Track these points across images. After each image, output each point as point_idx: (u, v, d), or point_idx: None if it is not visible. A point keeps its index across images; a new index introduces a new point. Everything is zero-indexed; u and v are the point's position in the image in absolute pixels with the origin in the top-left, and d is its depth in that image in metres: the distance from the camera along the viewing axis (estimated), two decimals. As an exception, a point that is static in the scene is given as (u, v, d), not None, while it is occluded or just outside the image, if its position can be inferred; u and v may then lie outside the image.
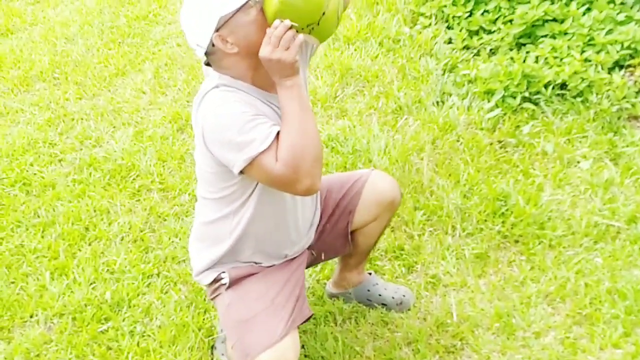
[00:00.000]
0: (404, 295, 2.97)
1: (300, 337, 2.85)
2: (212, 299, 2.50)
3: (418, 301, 3.00)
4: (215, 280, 2.44)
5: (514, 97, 3.90)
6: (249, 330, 2.31)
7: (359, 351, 2.81)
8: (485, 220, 3.30)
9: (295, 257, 2.54)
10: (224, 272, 2.42)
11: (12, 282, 3.18)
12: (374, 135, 3.78)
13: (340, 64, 4.32)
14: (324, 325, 2.91)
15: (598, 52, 3.96)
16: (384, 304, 2.97)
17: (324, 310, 2.97)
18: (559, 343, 2.80)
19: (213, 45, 2.14)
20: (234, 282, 2.42)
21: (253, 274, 2.44)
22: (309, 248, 2.62)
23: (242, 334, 2.32)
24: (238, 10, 2.09)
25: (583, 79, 3.85)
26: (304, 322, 2.39)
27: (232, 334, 2.36)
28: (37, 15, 5.34)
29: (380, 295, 2.97)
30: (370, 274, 3.02)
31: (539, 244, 3.18)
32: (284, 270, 2.47)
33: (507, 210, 3.32)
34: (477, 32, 4.42)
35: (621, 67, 3.96)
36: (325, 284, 3.07)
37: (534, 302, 2.95)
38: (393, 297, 2.96)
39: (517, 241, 3.22)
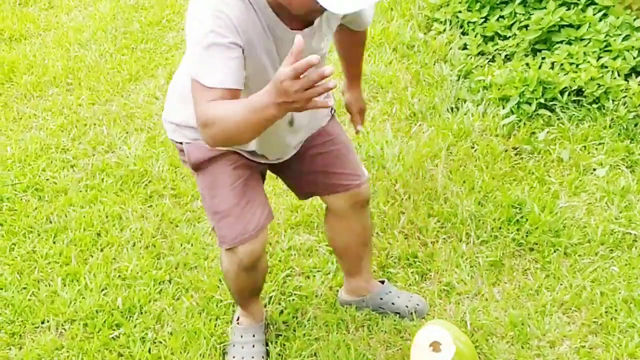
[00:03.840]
0: (417, 304, 2.94)
1: (312, 344, 2.84)
2: (183, 163, 2.59)
3: (432, 309, 2.97)
4: (179, 145, 2.51)
5: (530, 104, 3.87)
6: (223, 223, 2.49)
7: (371, 359, 2.78)
8: (500, 228, 3.26)
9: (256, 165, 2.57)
10: (187, 142, 2.47)
11: (24, 288, 3.17)
12: (388, 142, 3.76)
13: (353, 69, 4.29)
14: (337, 333, 2.89)
15: (614, 58, 3.93)
16: (397, 312, 2.94)
17: (337, 317, 2.94)
18: (574, 352, 2.77)
19: None
20: (199, 166, 2.48)
21: (216, 158, 2.46)
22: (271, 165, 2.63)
23: (217, 224, 2.51)
24: None
25: (599, 85, 3.82)
26: (267, 219, 2.53)
27: (209, 217, 2.57)
28: (51, 20, 5.35)
29: (393, 303, 2.94)
30: (382, 282, 2.99)
31: (554, 252, 3.15)
32: (250, 168, 2.52)
33: (522, 217, 3.29)
34: (492, 38, 4.40)
35: (638, 73, 3.92)
36: (337, 291, 3.05)
37: (548, 311, 2.92)
38: (406, 306, 2.93)
39: (532, 249, 3.18)
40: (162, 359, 2.83)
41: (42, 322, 3.03)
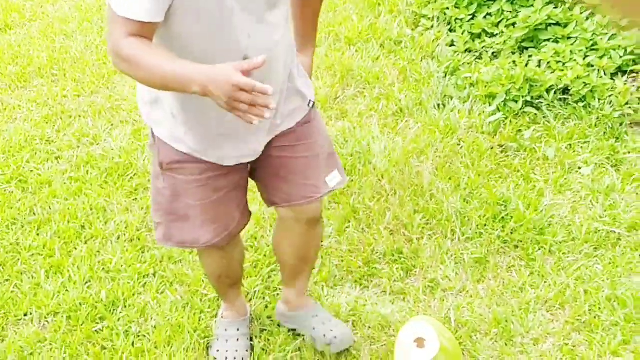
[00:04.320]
0: (335, 337, 2.76)
1: (297, 339, 2.84)
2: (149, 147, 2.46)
3: (416, 305, 2.97)
4: (152, 133, 2.37)
5: (516, 101, 3.87)
6: (177, 225, 2.45)
7: (356, 355, 2.78)
8: (485, 225, 3.27)
9: (234, 169, 2.39)
10: (160, 138, 2.33)
11: (7, 280, 3.15)
12: (374, 137, 3.76)
13: (341, 65, 4.29)
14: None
15: (601, 57, 3.94)
16: (314, 339, 2.80)
17: (321, 313, 2.94)
18: (558, 350, 2.78)
19: None
20: (168, 166, 2.36)
21: (189, 165, 2.33)
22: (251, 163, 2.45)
23: (169, 223, 2.46)
24: None
25: (585, 84, 3.83)
26: (228, 237, 2.48)
27: (155, 212, 2.49)
28: (36, 11, 5.31)
29: (314, 328, 2.80)
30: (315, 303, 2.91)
31: (539, 249, 3.16)
32: (225, 179, 2.40)
33: (507, 215, 3.29)
34: (479, 35, 4.40)
35: (624, 72, 3.94)
36: (322, 286, 3.04)
37: (532, 308, 2.93)
38: (324, 335, 2.77)
39: (516, 246, 3.19)
40: (146, 353, 2.82)
41: (25, 315, 3.01)
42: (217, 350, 2.78)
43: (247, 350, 2.80)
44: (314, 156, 2.47)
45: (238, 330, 2.82)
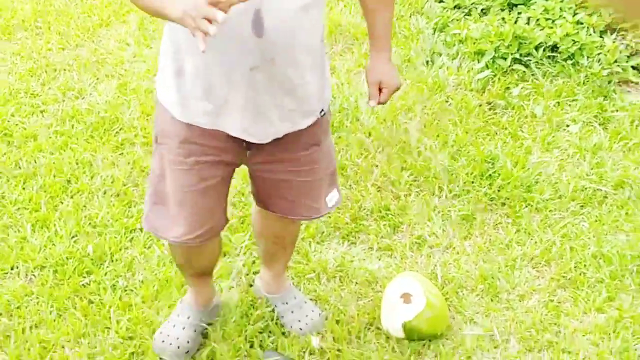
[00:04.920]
0: (300, 329, 2.70)
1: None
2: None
3: (403, 262, 2.98)
4: (157, 100, 2.21)
5: (505, 59, 3.87)
6: (156, 209, 2.32)
7: (343, 310, 2.79)
8: (472, 182, 3.28)
9: (223, 161, 2.23)
10: (159, 104, 2.20)
11: (-8, 234, 3.14)
12: (362, 94, 3.74)
13: (329, 20, 4.26)
14: (309, 284, 2.89)
15: (590, 15, 3.93)
16: (282, 325, 2.75)
17: (309, 268, 2.94)
18: (543, 306, 2.80)
19: None
20: (161, 139, 2.22)
21: (186, 142, 2.17)
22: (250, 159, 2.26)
23: (152, 205, 2.34)
24: None
25: (574, 42, 3.83)
26: (201, 237, 2.32)
27: (147, 189, 2.38)
28: (20, -38, 5.21)
29: (282, 316, 2.75)
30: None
31: (526, 206, 3.17)
32: (212, 169, 2.22)
33: (494, 172, 3.30)
34: (468, -8, 4.37)
35: (613, 30, 3.93)
36: (309, 242, 3.04)
37: (518, 265, 2.95)
38: (299, 320, 2.72)
39: (503, 204, 3.20)
40: (133, 307, 2.82)
41: (12, 268, 2.99)
42: (160, 332, 2.67)
43: (188, 342, 2.61)
44: (317, 180, 2.36)
45: (188, 318, 2.65)
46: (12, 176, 3.39)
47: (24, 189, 3.33)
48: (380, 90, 2.36)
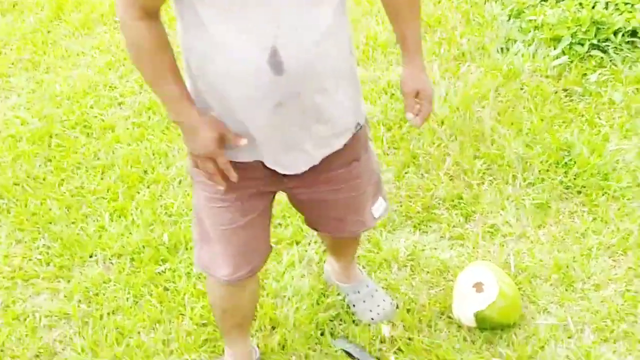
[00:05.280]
0: (372, 319, 2.70)
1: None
2: None
3: (475, 251, 2.95)
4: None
5: (582, 44, 3.78)
6: (205, 247, 2.20)
7: (414, 299, 2.78)
8: (547, 170, 3.22)
9: (261, 192, 2.14)
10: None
11: (73, 223, 3.23)
12: (435, 82, 3.71)
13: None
14: (379, 272, 2.89)
15: (672, -2, 3.81)
16: (354, 314, 2.75)
17: (380, 257, 2.94)
18: (619, 296, 2.74)
19: None
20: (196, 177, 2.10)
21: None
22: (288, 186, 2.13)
23: (199, 242, 2.22)
24: None
25: (655, 26, 3.71)
26: (248, 274, 2.21)
27: (196, 231, 2.22)
28: (100, -42, 5.34)
29: (354, 305, 2.76)
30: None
31: (603, 195, 3.10)
32: (253, 201, 2.11)
33: (570, 160, 3.24)
34: (544, -23, 4.28)
35: (696, 13, 3.80)
36: (381, 231, 3.04)
37: (594, 254, 2.89)
38: (370, 310, 2.72)
39: (579, 192, 3.14)
40: (206, 295, 2.87)
41: (90, 256, 3.08)
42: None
43: None
44: (360, 194, 2.24)
45: None
46: (91, 167, 3.49)
47: (102, 179, 3.42)
48: (416, 100, 2.19)
